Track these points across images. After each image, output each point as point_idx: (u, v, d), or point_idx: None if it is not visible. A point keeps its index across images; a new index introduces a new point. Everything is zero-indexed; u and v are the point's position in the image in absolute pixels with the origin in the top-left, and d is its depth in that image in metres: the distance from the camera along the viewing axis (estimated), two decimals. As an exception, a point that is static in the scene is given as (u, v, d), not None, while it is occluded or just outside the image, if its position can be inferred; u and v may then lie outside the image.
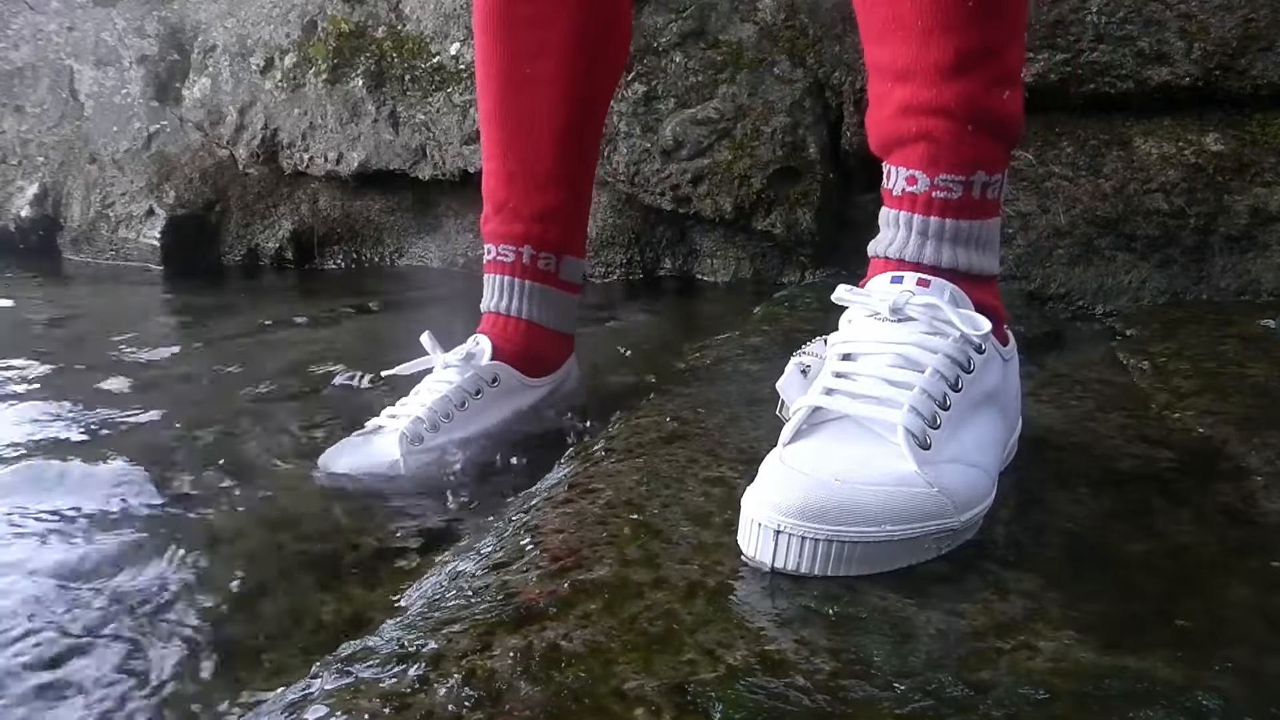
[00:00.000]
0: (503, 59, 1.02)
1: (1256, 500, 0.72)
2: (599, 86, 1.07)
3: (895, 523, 0.59)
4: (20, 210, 2.36)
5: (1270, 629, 0.56)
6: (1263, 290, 1.30)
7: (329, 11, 2.03)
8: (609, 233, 1.78)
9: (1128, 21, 1.32)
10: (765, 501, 0.60)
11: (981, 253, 0.74)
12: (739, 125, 1.56)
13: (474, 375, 1.04)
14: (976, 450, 0.66)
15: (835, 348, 0.70)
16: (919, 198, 0.72)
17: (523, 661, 0.50)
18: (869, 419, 0.64)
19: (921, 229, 0.72)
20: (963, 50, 0.69)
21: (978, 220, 0.73)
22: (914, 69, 0.71)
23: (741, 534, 0.61)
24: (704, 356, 1.12)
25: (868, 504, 0.59)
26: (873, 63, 0.75)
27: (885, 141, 0.75)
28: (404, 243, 2.08)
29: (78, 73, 2.40)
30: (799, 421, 0.65)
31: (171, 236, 2.17)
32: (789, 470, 0.61)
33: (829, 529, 0.58)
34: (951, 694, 0.48)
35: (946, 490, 0.61)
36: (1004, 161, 0.74)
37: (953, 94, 0.70)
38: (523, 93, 1.02)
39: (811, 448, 0.63)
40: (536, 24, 1.00)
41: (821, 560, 0.58)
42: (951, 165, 0.71)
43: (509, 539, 0.68)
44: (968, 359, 0.68)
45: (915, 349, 0.67)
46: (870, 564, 0.59)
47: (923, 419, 0.64)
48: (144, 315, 1.83)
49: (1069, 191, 1.36)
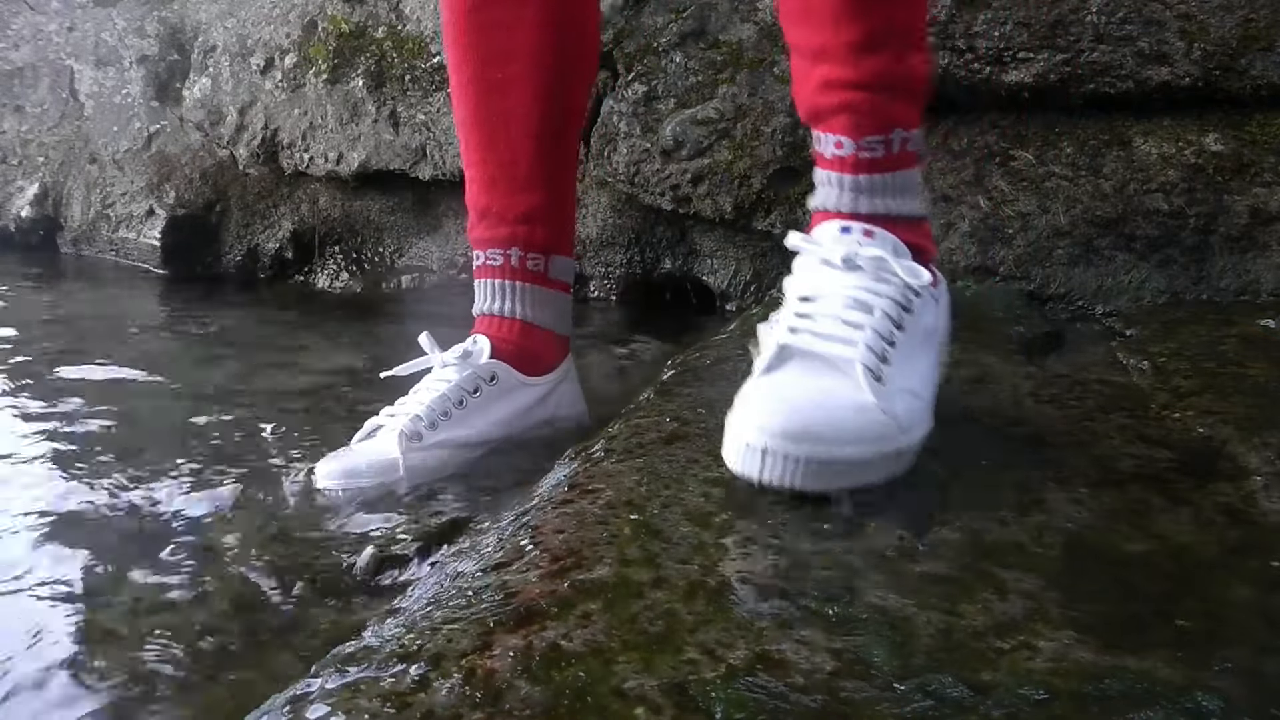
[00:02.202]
0: (474, 65, 1.04)
1: (1256, 500, 0.72)
2: (572, 86, 1.08)
3: (858, 444, 0.70)
4: (21, 210, 2.36)
5: (1270, 629, 0.56)
6: (1263, 290, 1.30)
7: (329, 11, 2.03)
8: (609, 233, 1.78)
9: (1128, 21, 1.32)
10: (752, 424, 0.69)
11: (906, 198, 0.84)
12: (739, 125, 1.56)
13: (472, 374, 1.04)
14: (920, 383, 0.78)
15: (794, 290, 0.80)
16: (847, 159, 0.82)
17: (523, 661, 0.50)
18: (831, 355, 0.74)
19: (853, 186, 0.83)
20: (871, 30, 0.79)
21: (900, 171, 0.83)
22: (829, 49, 0.80)
23: (730, 452, 0.71)
24: (704, 356, 1.12)
25: (837, 427, 0.69)
26: (792, 42, 0.85)
27: (811, 113, 0.85)
28: (404, 243, 2.08)
29: (78, 73, 2.40)
30: (770, 356, 0.75)
31: (171, 236, 2.17)
32: (769, 398, 0.71)
33: (807, 449, 0.68)
34: (951, 694, 0.48)
35: (897, 417, 0.72)
36: (918, 117, 0.84)
37: (866, 69, 0.80)
38: (496, 97, 1.04)
39: (784, 379, 0.74)
40: (503, 28, 1.02)
41: (800, 475, 0.68)
42: (872, 129, 0.81)
43: (509, 539, 0.68)
44: (909, 301, 0.79)
45: (865, 293, 0.77)
46: (839, 479, 0.69)
47: (875, 355, 0.75)
48: (140, 317, 1.83)
49: (1069, 191, 1.36)
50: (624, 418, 0.93)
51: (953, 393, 0.96)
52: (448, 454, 1.01)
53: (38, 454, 1.09)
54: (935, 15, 1.38)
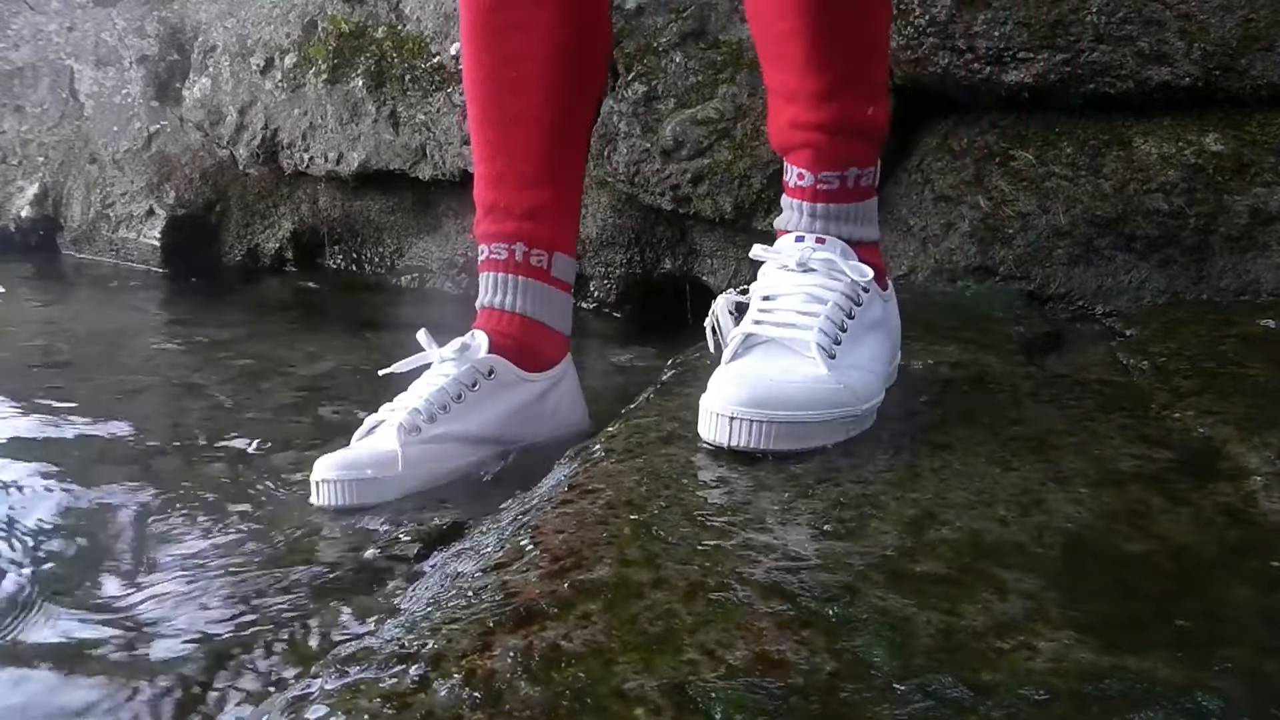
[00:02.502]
0: (489, 65, 1.07)
1: (1256, 500, 0.72)
2: (582, 88, 1.12)
3: (816, 408, 0.80)
4: (20, 210, 2.36)
5: (1270, 629, 0.56)
6: (1263, 290, 1.30)
7: (329, 11, 2.03)
8: (609, 233, 1.78)
9: (1128, 21, 1.32)
10: (721, 397, 0.79)
11: (860, 225, 0.96)
12: (739, 125, 1.56)
13: (471, 368, 1.04)
14: (870, 360, 0.89)
15: (757, 291, 0.91)
16: (807, 189, 0.94)
17: (523, 661, 0.50)
18: (790, 340, 0.85)
19: (811, 212, 0.95)
20: (831, 81, 0.91)
21: (854, 203, 0.95)
22: (798, 93, 0.93)
23: (702, 425, 0.81)
24: (704, 357, 1.12)
25: (796, 395, 0.80)
26: (768, 83, 0.97)
27: (781, 146, 0.97)
28: (404, 243, 2.08)
29: (78, 73, 2.40)
30: (736, 346, 0.86)
31: (171, 236, 2.17)
32: (735, 375, 0.82)
33: (769, 413, 0.78)
34: (951, 695, 0.48)
35: (850, 387, 0.83)
36: (873, 158, 0.96)
37: (827, 113, 0.92)
38: (509, 96, 1.07)
39: (749, 362, 0.85)
40: (519, 29, 1.05)
41: (765, 438, 0.78)
42: (829, 164, 0.93)
43: (509, 539, 0.68)
44: (857, 295, 0.90)
45: (819, 289, 0.89)
46: (799, 440, 0.80)
47: (828, 337, 0.85)
48: (139, 318, 1.82)
49: (1069, 191, 1.36)
50: (624, 418, 0.93)
51: (953, 393, 0.96)
52: (446, 448, 1.01)
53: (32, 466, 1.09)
54: (935, 15, 1.38)
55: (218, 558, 0.86)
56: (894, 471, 0.78)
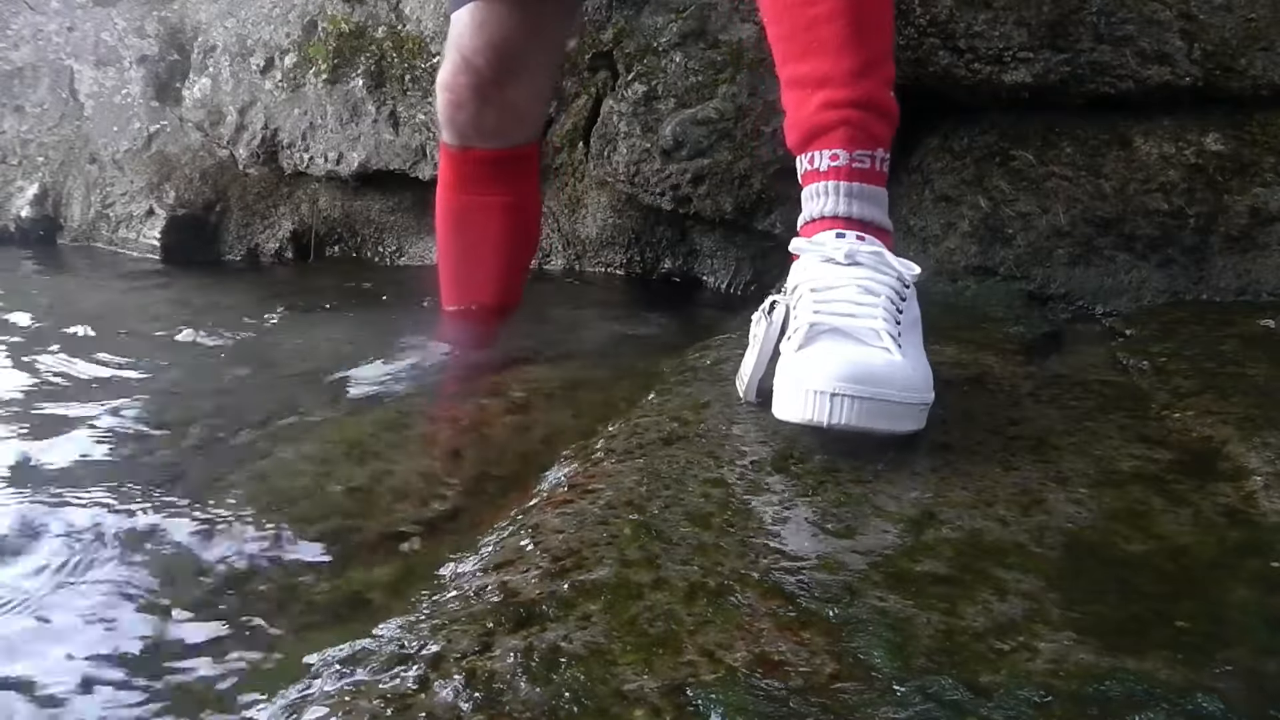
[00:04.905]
0: (459, 244, 1.45)
1: (1256, 500, 0.72)
2: (523, 252, 1.51)
3: (906, 390, 0.80)
4: (20, 210, 2.36)
5: (1270, 629, 0.56)
6: (1263, 290, 1.30)
7: (329, 11, 2.03)
8: (609, 233, 1.78)
9: (1128, 21, 1.32)
10: (823, 374, 0.78)
11: (882, 209, 0.97)
12: (739, 125, 1.56)
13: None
14: (920, 356, 0.88)
15: (804, 284, 0.89)
16: (843, 169, 0.94)
17: (523, 662, 0.50)
18: (852, 328, 0.84)
19: (848, 192, 0.94)
20: (864, 59, 0.95)
21: (879, 186, 0.96)
22: (832, 75, 0.95)
23: (794, 405, 0.79)
24: (704, 357, 1.12)
25: (892, 376, 0.79)
26: (792, 78, 1.00)
27: (807, 134, 0.97)
28: (404, 242, 2.08)
29: (78, 73, 2.40)
30: (801, 336, 0.84)
31: (171, 236, 2.17)
32: (820, 357, 0.80)
33: (872, 389, 0.77)
34: (951, 696, 0.48)
35: (923, 374, 0.84)
36: (890, 142, 0.97)
37: (861, 90, 0.94)
38: (469, 257, 1.45)
39: (822, 348, 0.82)
40: (479, 216, 1.43)
41: (866, 415, 0.77)
42: (863, 143, 0.95)
43: (509, 539, 0.68)
44: (903, 291, 0.90)
45: (870, 281, 0.88)
46: (892, 421, 0.79)
47: (894, 326, 0.85)
48: (140, 308, 1.82)
49: (1069, 191, 1.36)
50: (624, 417, 0.93)
51: (953, 393, 0.96)
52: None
53: (22, 436, 1.09)
54: (935, 15, 1.38)
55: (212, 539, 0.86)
56: (894, 471, 0.78)
